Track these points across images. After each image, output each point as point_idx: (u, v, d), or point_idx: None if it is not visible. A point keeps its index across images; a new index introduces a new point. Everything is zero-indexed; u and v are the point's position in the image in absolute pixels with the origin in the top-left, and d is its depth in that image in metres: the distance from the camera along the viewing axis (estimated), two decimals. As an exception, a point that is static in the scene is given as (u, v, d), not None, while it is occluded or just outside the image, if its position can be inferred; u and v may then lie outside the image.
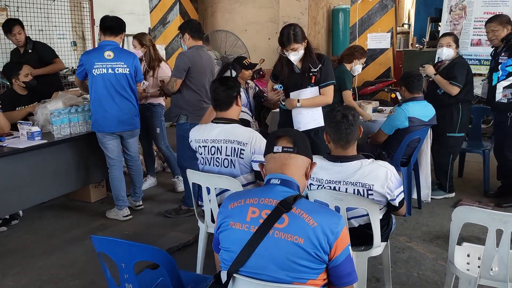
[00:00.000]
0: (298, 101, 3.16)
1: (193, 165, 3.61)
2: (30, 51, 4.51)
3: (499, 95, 3.79)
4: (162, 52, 7.44)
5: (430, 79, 4.01)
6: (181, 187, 4.35)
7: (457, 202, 4.05)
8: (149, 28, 7.80)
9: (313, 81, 3.18)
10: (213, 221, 2.60)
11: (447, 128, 3.95)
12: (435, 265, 3.02)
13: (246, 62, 4.49)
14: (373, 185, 2.12)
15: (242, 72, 4.44)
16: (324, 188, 2.20)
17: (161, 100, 4.29)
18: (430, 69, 3.97)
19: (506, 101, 3.76)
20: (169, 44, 7.74)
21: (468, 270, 2.21)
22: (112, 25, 3.49)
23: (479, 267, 2.22)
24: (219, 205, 2.51)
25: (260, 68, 6.34)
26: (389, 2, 6.16)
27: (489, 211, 1.98)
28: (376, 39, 6.25)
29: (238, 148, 2.48)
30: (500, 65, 3.76)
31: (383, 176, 2.13)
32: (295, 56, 3.10)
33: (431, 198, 4.09)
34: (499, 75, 3.78)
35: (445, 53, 3.92)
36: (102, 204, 4.15)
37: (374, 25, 6.27)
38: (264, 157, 1.63)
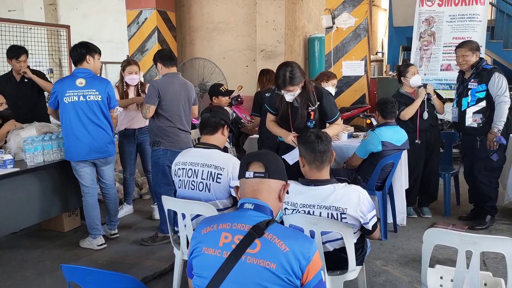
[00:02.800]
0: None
1: (167, 192, 3.63)
2: (26, 80, 4.47)
3: (469, 120, 3.89)
4: (141, 79, 7.48)
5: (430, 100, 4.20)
6: (158, 214, 4.30)
7: (432, 225, 4.12)
8: (128, 56, 7.84)
9: (312, 117, 3.21)
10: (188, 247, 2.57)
11: None
12: (411, 289, 3.05)
13: (222, 89, 4.56)
14: (346, 208, 2.15)
15: (219, 99, 4.50)
16: (299, 212, 2.22)
17: None
18: (431, 88, 4.18)
19: (476, 126, 3.87)
20: (148, 71, 7.78)
21: (441, 292, 2.24)
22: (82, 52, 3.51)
23: (451, 289, 2.25)
24: (195, 231, 2.50)
25: (238, 94, 6.43)
26: (362, 32, 6.37)
27: (458, 232, 2.03)
28: (351, 66, 6.43)
29: (214, 173, 2.49)
30: (470, 91, 3.87)
31: (355, 200, 2.16)
32: (290, 96, 3.09)
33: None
34: (469, 101, 3.89)
35: (419, 79, 4.16)
36: (75, 233, 4.05)
37: (348, 53, 6.45)
38: (239, 181, 1.65)
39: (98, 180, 3.70)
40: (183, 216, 2.51)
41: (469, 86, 3.88)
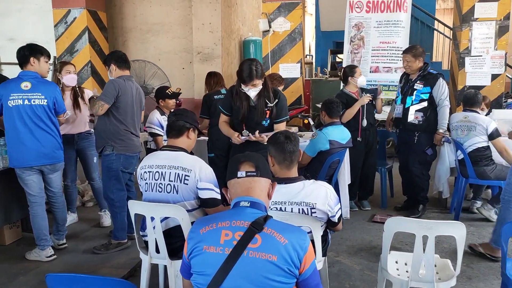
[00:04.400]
0: None
1: (121, 197, 3.56)
2: None
3: (411, 117, 4.28)
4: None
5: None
6: (107, 221, 4.17)
7: (372, 216, 4.45)
8: (55, 57, 7.42)
9: (267, 115, 3.28)
10: (157, 251, 2.57)
11: None
12: (363, 275, 3.28)
13: (169, 91, 4.53)
14: (315, 203, 2.30)
15: (166, 102, 4.47)
16: (271, 209, 2.32)
17: None
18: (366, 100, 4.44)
19: (416, 122, 4.27)
20: (78, 73, 7.40)
21: (398, 275, 2.47)
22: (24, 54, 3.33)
23: (407, 271, 2.49)
24: (164, 233, 2.50)
25: (178, 97, 6.37)
26: (297, 36, 6.65)
27: (417, 220, 2.27)
28: (288, 69, 6.68)
29: (182, 174, 2.51)
30: (415, 91, 4.25)
31: (323, 195, 2.32)
32: (255, 91, 3.16)
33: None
34: (413, 99, 4.28)
35: (365, 79, 4.53)
36: (18, 246, 3.80)
37: (285, 56, 6.70)
38: (227, 182, 1.71)
39: (45, 188, 3.51)
40: (152, 219, 2.50)
41: (414, 87, 4.26)
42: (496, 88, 6.04)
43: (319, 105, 4.27)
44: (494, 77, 6.00)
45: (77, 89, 4.11)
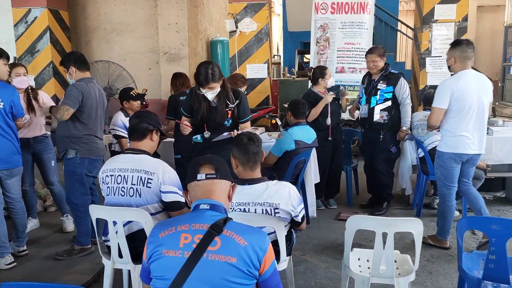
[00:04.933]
0: None
1: (85, 202, 3.49)
2: None
3: (376, 116, 4.36)
4: (31, 83, 6.91)
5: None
6: (70, 226, 4.07)
7: (338, 214, 4.52)
8: (15, 57, 7.18)
9: (229, 116, 3.28)
10: (120, 256, 2.53)
11: None
12: (328, 273, 3.34)
13: (133, 93, 4.46)
14: (279, 203, 2.32)
15: (130, 103, 4.40)
16: (235, 211, 2.33)
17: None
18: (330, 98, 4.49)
19: (382, 121, 4.36)
20: (39, 74, 7.21)
21: (360, 271, 2.52)
22: None
23: (368, 268, 2.55)
24: (127, 238, 2.47)
25: (144, 98, 6.29)
26: (264, 36, 6.69)
27: (376, 217, 2.33)
28: (255, 69, 6.71)
29: (144, 178, 2.48)
30: (379, 91, 4.34)
31: (286, 195, 2.35)
32: (212, 94, 3.16)
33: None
34: (377, 99, 4.36)
35: (334, 80, 4.63)
36: (-26, 254, 3.65)
37: (252, 56, 6.72)
38: (187, 185, 1.70)
39: (3, 194, 3.39)
40: (114, 224, 2.46)
41: (378, 87, 4.34)
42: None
43: (287, 105, 4.31)
44: (454, 77, 6.21)
45: (30, 91, 3.96)
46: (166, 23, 7.26)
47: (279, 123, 6.53)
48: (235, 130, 3.23)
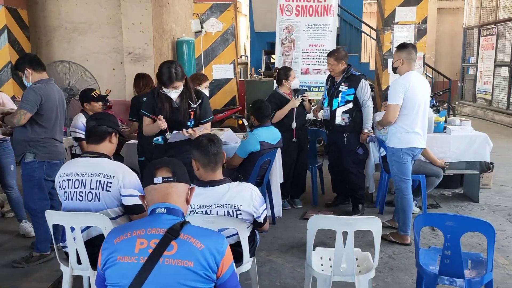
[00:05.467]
0: None
1: (44, 207, 3.38)
2: None
3: (338, 119, 4.37)
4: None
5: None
6: (32, 231, 3.93)
7: (303, 214, 4.57)
8: (-30, 57, 6.88)
9: (192, 116, 3.24)
10: (79, 262, 2.46)
11: None
12: (293, 272, 3.36)
13: (95, 94, 4.36)
14: (241, 205, 2.32)
15: (92, 105, 4.30)
16: (196, 213, 2.31)
17: None
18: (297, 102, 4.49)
19: (343, 124, 4.37)
20: (-4, 74, 6.94)
21: (323, 270, 2.56)
22: None
23: (330, 266, 2.59)
24: (86, 243, 2.41)
25: (107, 99, 6.15)
26: (230, 36, 6.67)
27: (337, 216, 2.36)
28: (221, 70, 6.68)
29: (104, 181, 2.42)
30: (340, 93, 4.35)
31: (248, 196, 2.35)
32: (176, 93, 3.12)
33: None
34: (339, 101, 4.37)
35: (298, 81, 4.62)
36: None
37: (218, 57, 6.69)
38: (144, 189, 1.68)
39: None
40: (72, 229, 2.39)
41: (340, 89, 4.36)
42: (416, 88, 6.43)
43: (250, 107, 4.31)
44: (414, 77, 6.38)
45: None
46: (130, 22, 7.12)
47: (246, 123, 6.52)
48: (184, 130, 3.16)
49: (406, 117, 3.63)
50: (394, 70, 3.78)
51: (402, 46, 3.70)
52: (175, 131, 3.17)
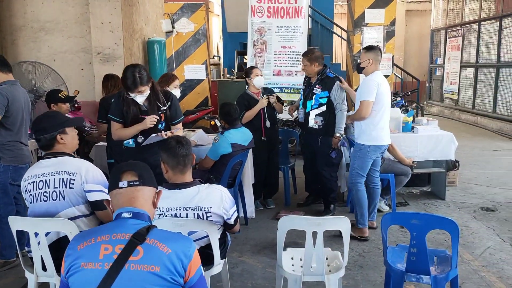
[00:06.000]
0: None
1: (9, 212, 3.28)
2: None
3: (311, 121, 4.34)
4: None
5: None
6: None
7: (276, 214, 4.59)
8: None
9: (162, 119, 3.19)
10: (44, 269, 2.40)
11: None
12: (265, 273, 3.37)
13: (62, 95, 4.26)
14: (211, 207, 2.31)
15: (59, 106, 4.20)
16: (166, 216, 2.29)
17: None
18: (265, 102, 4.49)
19: (317, 127, 4.34)
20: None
21: (293, 271, 2.57)
22: None
23: (301, 266, 2.60)
24: (53, 246, 2.35)
25: (75, 100, 6.02)
26: (201, 37, 6.64)
27: (306, 217, 2.38)
28: (193, 70, 6.65)
29: (67, 179, 2.39)
30: (314, 95, 4.33)
31: (218, 198, 2.34)
32: (141, 97, 3.05)
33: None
34: (312, 104, 4.34)
35: (262, 80, 4.58)
36: None
37: (190, 57, 6.65)
38: (109, 193, 1.64)
39: None
40: (36, 235, 2.33)
41: (314, 91, 4.33)
42: (385, 88, 6.57)
43: (219, 111, 4.30)
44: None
45: None
46: (98, 22, 6.97)
47: (219, 124, 6.50)
48: (163, 132, 3.14)
49: (375, 114, 3.75)
50: (360, 70, 3.89)
51: (370, 48, 3.84)
52: (153, 134, 3.14)
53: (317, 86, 4.33)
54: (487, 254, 3.62)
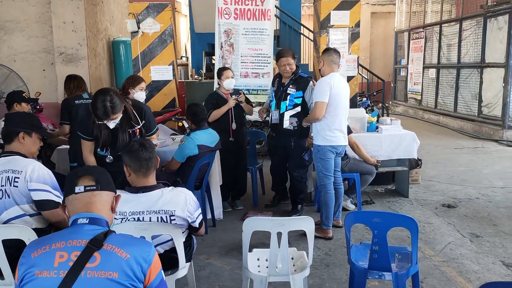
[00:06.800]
0: None
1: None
2: None
3: (286, 123, 4.30)
4: None
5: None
6: None
7: (244, 215, 4.59)
8: None
9: (137, 134, 3.17)
10: (2, 277, 2.31)
11: None
12: (233, 275, 3.37)
13: (26, 95, 4.16)
14: (174, 210, 2.29)
15: (22, 106, 4.09)
16: (128, 220, 2.25)
17: None
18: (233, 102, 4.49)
19: (291, 128, 4.31)
20: None
21: (259, 271, 2.58)
22: None
23: (267, 267, 2.62)
24: (11, 246, 2.27)
25: (37, 102, 5.83)
26: (168, 37, 6.55)
27: (271, 218, 2.40)
28: (159, 71, 6.54)
29: (12, 177, 2.38)
30: (288, 96, 4.28)
31: (183, 201, 2.32)
32: (114, 123, 2.98)
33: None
34: (287, 105, 4.29)
35: (232, 82, 4.56)
36: None
37: (156, 58, 6.55)
38: (64, 199, 1.60)
39: None
40: (-7, 243, 2.25)
41: (288, 91, 4.28)
42: (351, 88, 6.67)
43: (186, 111, 4.27)
44: (349, 79, 6.62)
45: None
46: (61, 21, 6.79)
47: (186, 125, 6.44)
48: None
49: (329, 115, 3.82)
50: (319, 71, 4.01)
51: (325, 50, 4.04)
52: (108, 161, 3.14)
53: (290, 86, 4.29)
54: (448, 250, 3.75)
